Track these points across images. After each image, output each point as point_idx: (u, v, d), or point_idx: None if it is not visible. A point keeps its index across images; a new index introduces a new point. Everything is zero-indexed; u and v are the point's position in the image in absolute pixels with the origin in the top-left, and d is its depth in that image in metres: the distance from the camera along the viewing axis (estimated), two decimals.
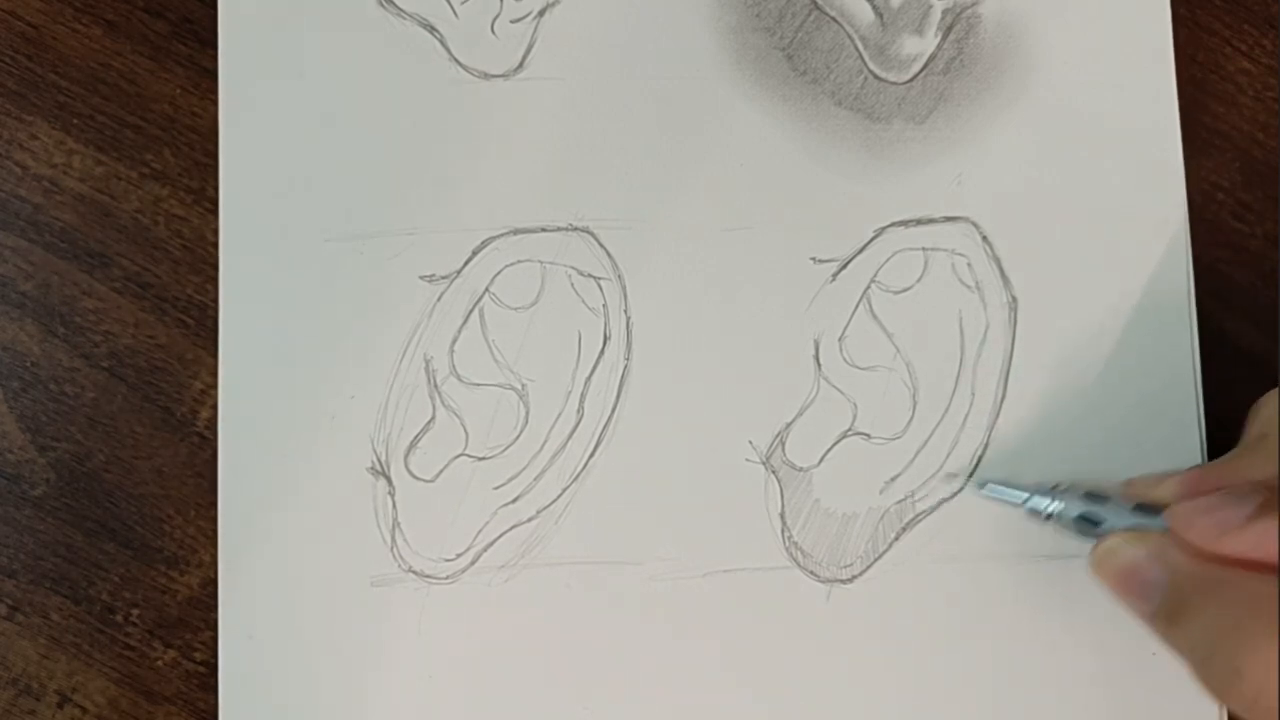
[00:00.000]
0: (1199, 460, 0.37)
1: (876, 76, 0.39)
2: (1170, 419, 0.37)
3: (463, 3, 0.39)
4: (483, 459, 0.37)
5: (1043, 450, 0.37)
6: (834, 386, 0.38)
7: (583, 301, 0.38)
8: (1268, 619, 0.30)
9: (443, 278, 0.38)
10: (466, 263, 0.38)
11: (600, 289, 0.38)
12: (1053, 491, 0.35)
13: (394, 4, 0.38)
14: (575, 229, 0.38)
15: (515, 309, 0.38)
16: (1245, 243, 0.39)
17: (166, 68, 0.39)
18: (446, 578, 0.37)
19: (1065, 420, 0.37)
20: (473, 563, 0.37)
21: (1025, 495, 0.35)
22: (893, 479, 0.37)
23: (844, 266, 0.38)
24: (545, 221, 0.38)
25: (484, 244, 0.38)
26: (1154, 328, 0.38)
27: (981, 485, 0.37)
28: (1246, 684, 0.30)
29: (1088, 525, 0.34)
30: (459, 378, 0.38)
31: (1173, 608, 0.32)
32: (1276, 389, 0.35)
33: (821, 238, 0.38)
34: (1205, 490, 0.33)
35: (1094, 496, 0.34)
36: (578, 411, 0.37)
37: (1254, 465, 0.33)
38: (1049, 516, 0.35)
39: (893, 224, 0.38)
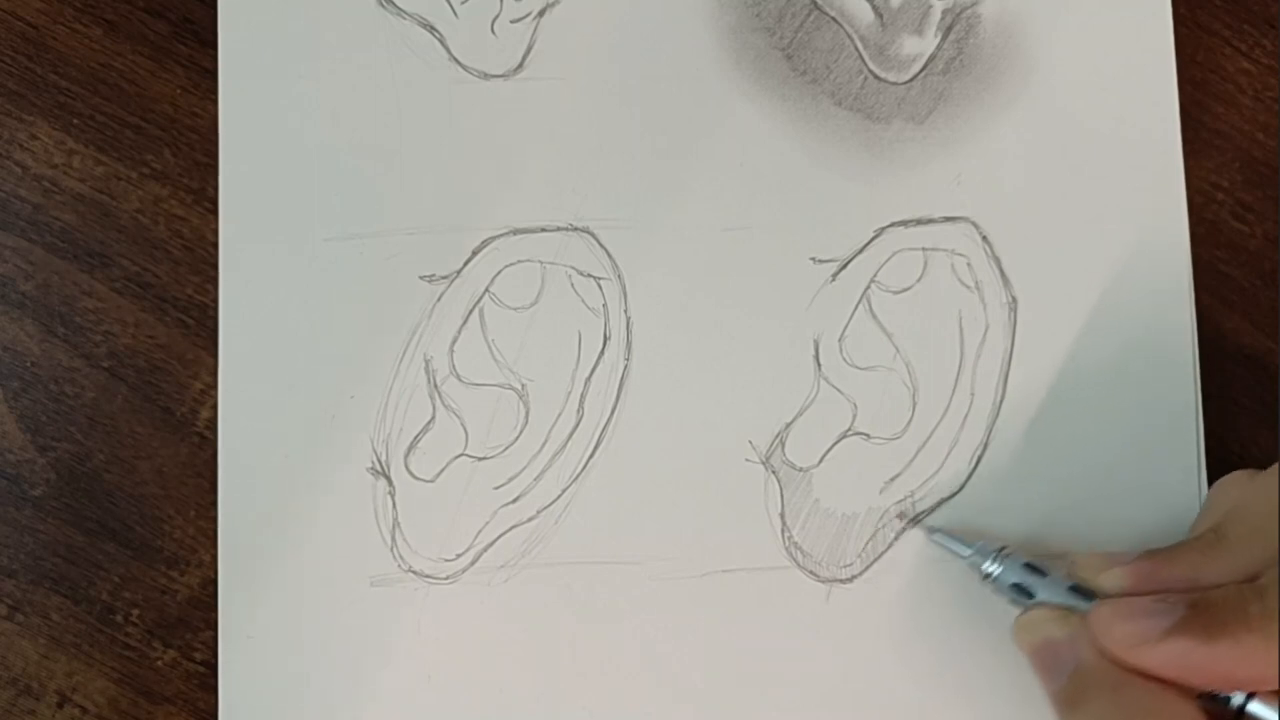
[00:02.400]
0: (1197, 463, 0.37)
1: (876, 76, 0.39)
2: (1170, 419, 0.37)
3: (463, 3, 0.39)
4: (483, 459, 0.37)
5: (1042, 451, 0.37)
6: (834, 386, 0.38)
7: (583, 301, 0.38)
8: None
9: (443, 278, 0.38)
10: (466, 263, 0.38)
11: (600, 289, 0.38)
12: (997, 554, 0.35)
13: (394, 4, 0.38)
14: (575, 229, 0.38)
15: (515, 309, 0.38)
16: (1245, 243, 0.39)
17: (166, 68, 0.39)
18: (446, 578, 0.37)
19: (1064, 421, 0.37)
20: (473, 563, 0.37)
21: (969, 551, 0.35)
22: (893, 479, 0.37)
23: (844, 266, 0.38)
24: (545, 221, 0.38)
25: (484, 244, 0.38)
26: (1154, 328, 0.38)
27: (930, 532, 0.37)
28: None
29: (1021, 595, 0.34)
30: (459, 378, 0.38)
31: (1070, 695, 0.32)
32: (1240, 471, 0.34)
33: (821, 238, 0.38)
34: (1144, 587, 0.32)
35: (1033, 568, 0.34)
36: (578, 412, 0.37)
37: (1203, 565, 0.32)
38: (987, 577, 0.35)
39: (892, 224, 0.38)
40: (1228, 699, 0.31)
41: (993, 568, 0.35)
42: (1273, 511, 0.32)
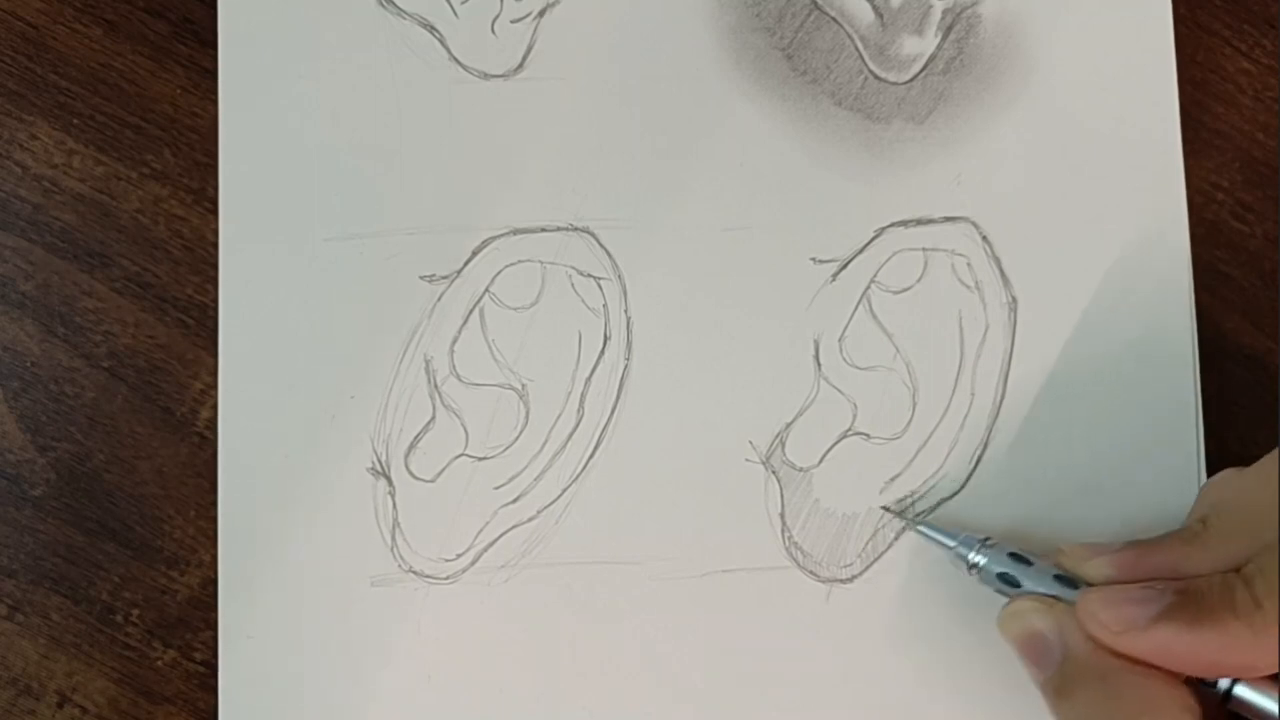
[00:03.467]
0: (1197, 462, 0.37)
1: (876, 76, 0.39)
2: (1169, 419, 0.37)
3: (463, 3, 0.39)
4: (483, 459, 0.37)
5: (1042, 450, 0.37)
6: (834, 386, 0.38)
7: (583, 301, 0.38)
8: (1148, 714, 0.31)
9: (443, 278, 0.38)
10: (466, 263, 0.38)
11: (600, 289, 0.38)
12: (981, 545, 0.35)
13: (394, 4, 0.38)
14: (575, 229, 0.38)
15: (515, 309, 0.38)
16: (1245, 243, 0.39)
17: (166, 68, 0.39)
18: (446, 578, 0.37)
19: (1065, 420, 0.37)
20: (473, 563, 0.37)
21: (954, 542, 0.35)
22: (893, 479, 0.38)
23: (844, 267, 0.38)
24: (545, 221, 0.38)
25: (484, 244, 0.38)
26: (1154, 328, 0.38)
27: (915, 524, 0.37)
28: None
29: (1007, 584, 0.34)
30: (459, 378, 0.38)
31: (1058, 685, 0.32)
32: (1228, 469, 0.34)
33: (821, 238, 0.38)
34: (1129, 576, 0.32)
35: (1018, 558, 0.34)
36: (578, 411, 0.37)
37: (1186, 556, 0.32)
38: (973, 567, 0.35)
39: (892, 224, 0.38)
40: (1214, 684, 0.32)
41: (978, 558, 0.35)
42: (1257, 504, 0.32)
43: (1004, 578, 0.34)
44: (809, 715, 0.37)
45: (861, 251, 0.38)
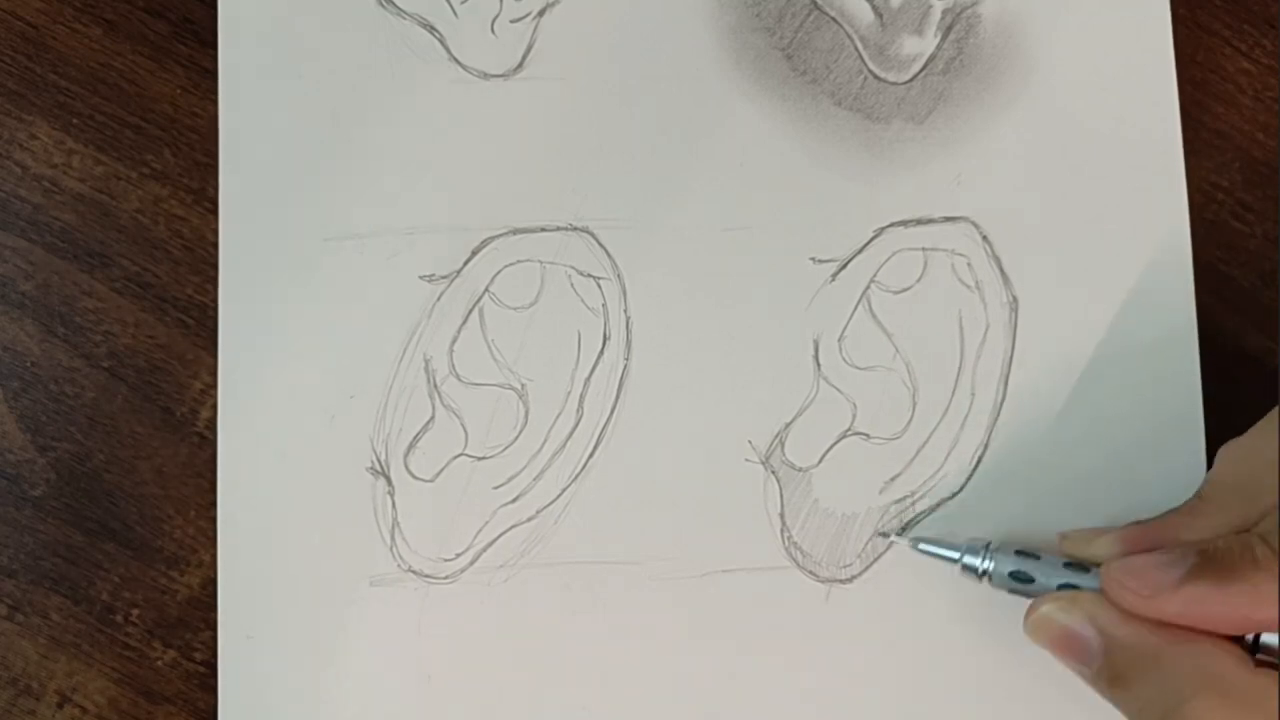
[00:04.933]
0: (1200, 462, 0.37)
1: (876, 76, 0.39)
2: (1171, 419, 0.37)
3: (463, 2, 0.39)
4: (482, 459, 0.37)
5: (1043, 451, 0.37)
6: (833, 386, 0.38)
7: (582, 301, 0.38)
8: (1213, 690, 0.30)
9: (442, 278, 0.38)
10: (466, 263, 0.38)
11: (600, 289, 0.38)
12: (985, 550, 0.35)
13: (394, 4, 0.38)
14: (575, 229, 0.38)
15: (515, 309, 0.38)
16: (1245, 243, 0.39)
17: (166, 68, 0.39)
18: (446, 578, 0.37)
19: (1066, 420, 0.37)
20: (472, 563, 0.37)
21: (958, 554, 0.35)
22: (892, 479, 0.37)
23: (844, 266, 0.38)
24: (545, 221, 0.38)
25: (484, 244, 0.38)
26: (1155, 328, 0.38)
27: (915, 544, 0.36)
28: None
29: (1020, 582, 0.34)
30: (458, 378, 0.38)
31: (1111, 675, 0.32)
32: (1236, 438, 0.35)
33: (821, 238, 0.38)
34: (1139, 549, 0.33)
35: (1025, 555, 0.34)
36: (577, 411, 0.37)
37: (1190, 525, 0.33)
38: (983, 574, 0.35)
39: (892, 224, 0.38)
40: (1239, 639, 0.32)
41: (986, 564, 0.35)
42: (1254, 469, 0.33)
43: (1016, 575, 0.34)
44: (809, 715, 0.37)
45: (861, 251, 0.38)
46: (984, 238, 0.38)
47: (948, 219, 0.38)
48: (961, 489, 0.37)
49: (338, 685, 0.37)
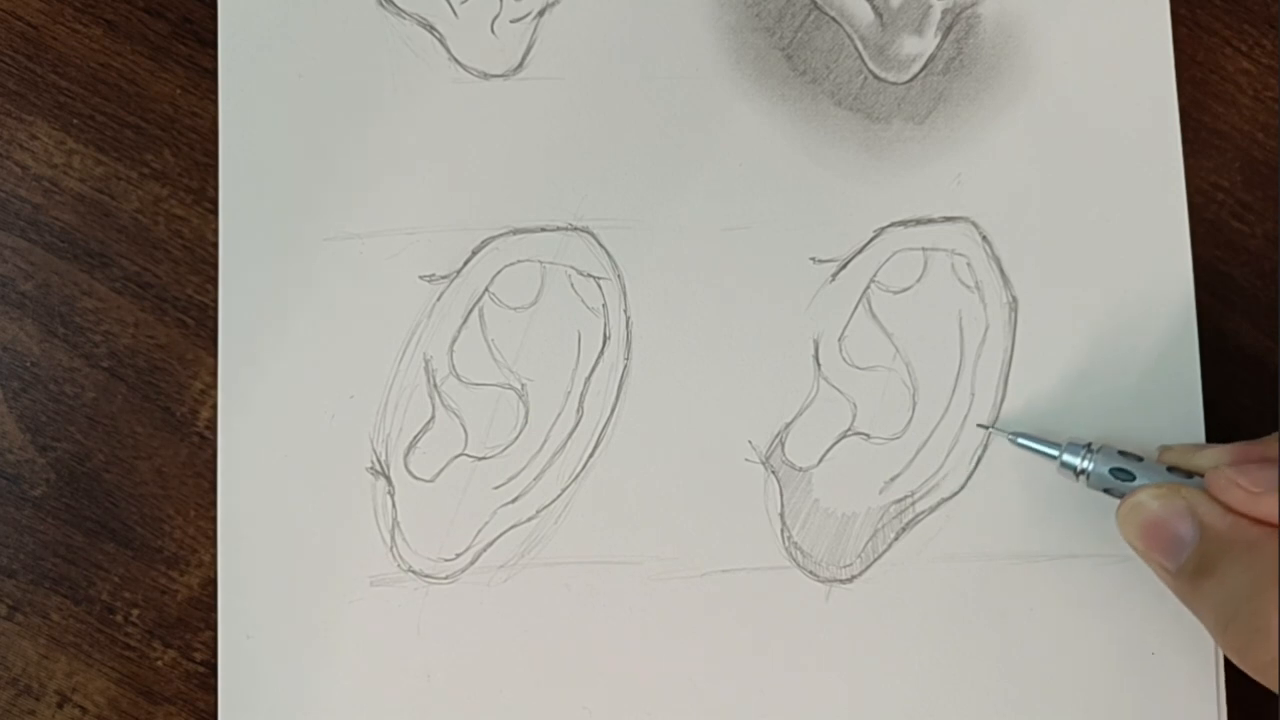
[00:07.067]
0: None
1: (876, 76, 0.39)
2: (1171, 419, 0.37)
3: (463, 2, 0.39)
4: (482, 459, 0.37)
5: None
6: (834, 386, 0.38)
7: (582, 301, 0.38)
8: None
9: (442, 278, 0.38)
10: (466, 263, 0.38)
11: (600, 289, 0.38)
12: (1086, 449, 0.35)
13: (394, 4, 0.38)
14: (575, 229, 0.38)
15: (515, 309, 0.38)
16: (1245, 243, 0.39)
17: (166, 68, 0.39)
18: (446, 578, 0.37)
19: (1065, 420, 0.37)
20: (472, 563, 0.37)
21: (1059, 450, 0.35)
22: (892, 479, 0.37)
23: (844, 266, 0.38)
24: (545, 221, 0.38)
25: (484, 244, 0.38)
26: (1155, 328, 0.38)
27: (1015, 438, 0.36)
28: (1268, 643, 0.30)
29: (1120, 482, 0.34)
30: (459, 377, 0.38)
31: (1198, 565, 0.32)
32: None
33: (821, 238, 0.38)
34: (1244, 461, 0.33)
35: (1128, 455, 0.35)
36: (577, 411, 0.37)
37: None
38: (1081, 473, 0.35)
39: (892, 224, 0.38)
40: None
41: (1086, 463, 0.35)
42: None
43: (1117, 473, 0.34)
44: (809, 714, 0.37)
45: (861, 251, 0.38)
46: (984, 238, 0.38)
47: (948, 219, 0.38)
48: (961, 489, 0.37)
49: (338, 685, 0.37)
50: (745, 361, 0.38)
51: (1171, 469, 0.34)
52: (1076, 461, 0.35)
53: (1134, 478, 0.34)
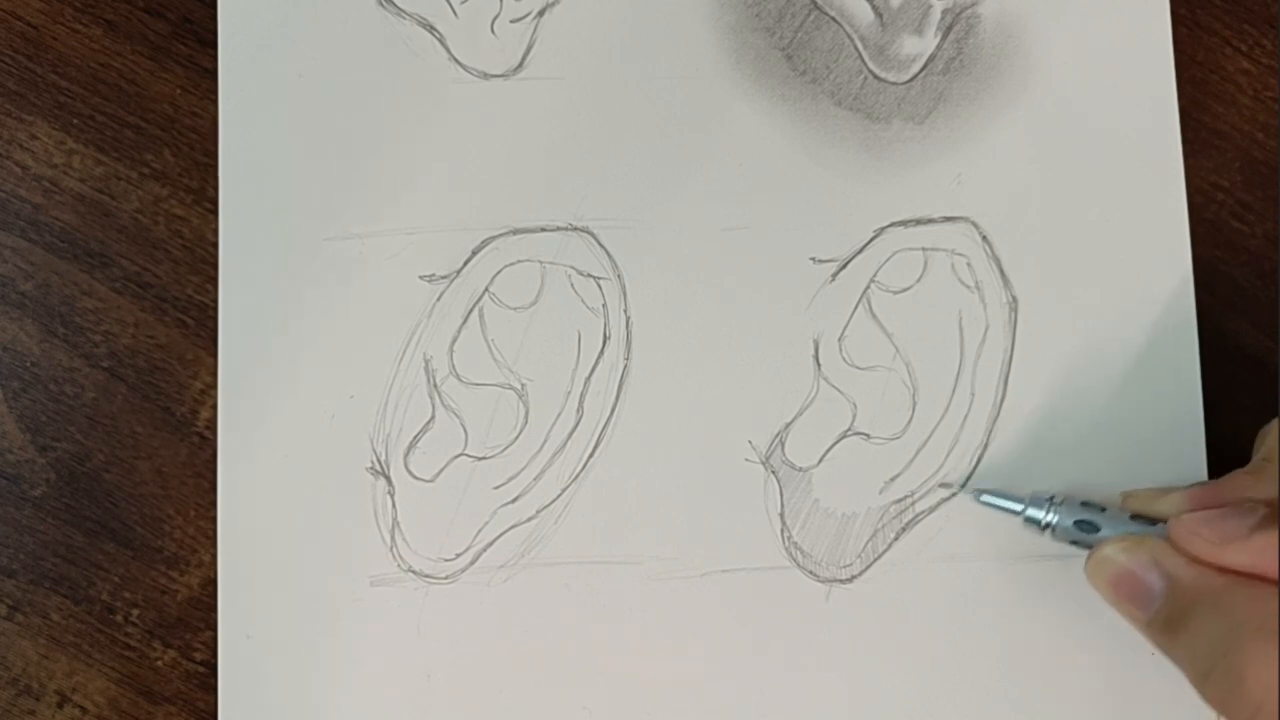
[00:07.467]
0: (1200, 462, 0.37)
1: (876, 76, 0.39)
2: (1171, 419, 0.37)
3: (463, 2, 0.39)
4: (482, 459, 0.37)
5: (1043, 450, 0.37)
6: (834, 386, 0.38)
7: (582, 301, 0.38)
8: (1270, 629, 0.30)
9: (442, 278, 0.38)
10: (466, 263, 0.38)
11: (600, 289, 0.38)
12: (1049, 503, 0.35)
13: (394, 4, 0.38)
14: (575, 229, 0.38)
15: (515, 309, 0.38)
16: (1245, 243, 0.39)
17: (166, 68, 0.39)
18: (446, 578, 0.37)
19: (1066, 420, 0.37)
20: (472, 563, 0.37)
21: (1022, 505, 0.35)
22: (892, 479, 0.37)
23: (844, 266, 0.38)
24: (545, 221, 0.38)
25: (484, 244, 0.38)
26: (1155, 328, 0.38)
27: (978, 495, 0.36)
28: (1248, 695, 0.30)
29: (1085, 534, 0.34)
30: (459, 377, 0.38)
31: (1170, 616, 0.32)
32: None
33: (821, 238, 0.38)
34: (1206, 506, 0.33)
35: (1090, 506, 0.35)
36: (577, 411, 0.37)
37: (1256, 485, 0.33)
38: (1046, 526, 0.35)
39: (892, 224, 0.38)
40: None
41: (1050, 516, 0.35)
42: None
43: (1081, 526, 0.34)
44: (809, 715, 0.37)
45: (861, 251, 0.38)
46: (984, 238, 0.38)
47: (948, 219, 0.38)
48: (962, 489, 0.37)
49: (338, 685, 0.37)
50: (745, 361, 0.38)
51: (1135, 517, 0.34)
52: (1041, 515, 0.35)
53: (1098, 529, 0.34)
